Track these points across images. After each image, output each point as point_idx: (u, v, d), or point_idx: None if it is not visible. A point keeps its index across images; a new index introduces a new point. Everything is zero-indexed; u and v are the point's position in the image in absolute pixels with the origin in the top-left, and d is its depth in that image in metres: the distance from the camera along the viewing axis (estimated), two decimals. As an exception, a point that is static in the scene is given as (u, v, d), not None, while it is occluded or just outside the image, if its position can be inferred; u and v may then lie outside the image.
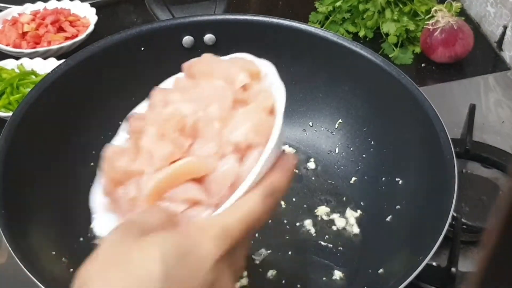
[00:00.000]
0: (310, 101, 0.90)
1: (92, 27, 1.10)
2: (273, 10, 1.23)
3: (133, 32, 0.86)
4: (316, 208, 0.82)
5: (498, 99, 1.03)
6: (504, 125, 0.98)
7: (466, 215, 0.78)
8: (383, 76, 0.81)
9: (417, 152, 0.78)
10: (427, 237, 0.65)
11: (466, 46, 1.06)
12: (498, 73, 1.08)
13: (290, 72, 0.89)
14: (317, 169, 0.88)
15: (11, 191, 0.68)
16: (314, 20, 1.15)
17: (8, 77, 0.96)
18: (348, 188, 0.84)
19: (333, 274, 0.75)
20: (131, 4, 1.23)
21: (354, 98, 0.86)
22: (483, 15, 1.16)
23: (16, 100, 0.94)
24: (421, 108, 0.76)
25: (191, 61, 0.60)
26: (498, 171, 0.87)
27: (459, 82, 1.06)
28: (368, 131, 0.85)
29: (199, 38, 0.88)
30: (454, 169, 0.69)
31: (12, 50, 1.05)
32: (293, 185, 0.83)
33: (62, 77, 0.80)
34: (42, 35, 1.07)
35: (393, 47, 1.10)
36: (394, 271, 0.66)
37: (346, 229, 0.80)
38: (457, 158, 0.71)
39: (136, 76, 0.87)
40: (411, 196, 0.76)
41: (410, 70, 1.07)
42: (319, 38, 0.86)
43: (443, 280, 0.72)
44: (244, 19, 0.89)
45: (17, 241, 0.63)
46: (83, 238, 0.77)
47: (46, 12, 1.12)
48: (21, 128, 0.73)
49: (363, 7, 1.11)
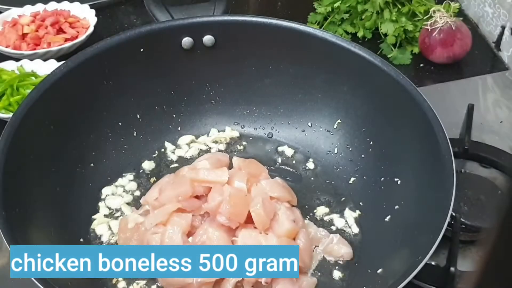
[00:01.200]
0: (309, 101, 0.90)
1: (92, 29, 1.10)
2: (272, 11, 1.23)
3: (133, 33, 0.86)
4: (315, 208, 0.83)
5: (497, 99, 1.03)
6: (503, 125, 0.98)
7: (465, 214, 0.78)
8: (381, 77, 0.81)
9: (416, 152, 0.78)
10: (426, 237, 0.65)
11: (464, 46, 1.06)
12: (496, 73, 1.08)
13: (289, 73, 0.90)
14: (316, 169, 0.88)
15: (11, 192, 0.69)
16: (312, 20, 1.16)
17: (8, 78, 0.97)
18: (347, 188, 0.85)
19: (332, 274, 0.75)
20: (131, 5, 1.24)
21: (352, 99, 0.86)
22: (481, 15, 1.16)
23: (16, 101, 0.94)
24: (419, 108, 0.76)
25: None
26: (497, 170, 0.87)
27: (458, 82, 1.06)
28: (367, 131, 0.85)
29: (198, 39, 0.88)
30: (452, 169, 0.70)
31: (12, 51, 1.05)
32: (292, 186, 0.83)
33: (62, 78, 0.80)
34: (42, 37, 1.07)
35: (392, 48, 1.10)
36: (393, 270, 0.66)
37: (345, 229, 0.80)
38: (455, 158, 0.71)
39: (135, 77, 0.88)
40: (410, 196, 0.76)
41: (408, 71, 1.07)
42: (318, 39, 0.86)
43: (442, 279, 0.72)
44: (243, 20, 0.89)
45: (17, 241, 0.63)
46: (83, 239, 0.78)
47: (46, 13, 1.12)
48: (21, 129, 0.73)
49: (362, 8, 1.11)
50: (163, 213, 0.73)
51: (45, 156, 0.77)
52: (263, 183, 0.78)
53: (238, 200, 0.73)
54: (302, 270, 0.72)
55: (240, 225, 0.73)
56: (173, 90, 0.91)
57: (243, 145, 0.92)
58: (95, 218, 0.80)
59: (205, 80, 0.92)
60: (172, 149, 0.90)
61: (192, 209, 0.75)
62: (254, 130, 0.93)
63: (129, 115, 0.88)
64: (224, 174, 0.76)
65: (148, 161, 0.88)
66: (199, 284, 0.68)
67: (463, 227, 0.78)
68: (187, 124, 0.92)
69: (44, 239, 0.70)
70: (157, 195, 0.77)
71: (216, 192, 0.74)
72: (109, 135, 0.87)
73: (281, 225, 0.73)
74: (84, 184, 0.82)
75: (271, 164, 0.88)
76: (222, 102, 0.93)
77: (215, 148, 0.91)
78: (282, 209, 0.75)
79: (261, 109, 0.93)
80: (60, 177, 0.78)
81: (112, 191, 0.84)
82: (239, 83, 0.92)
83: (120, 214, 0.81)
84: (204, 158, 0.84)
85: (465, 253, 0.78)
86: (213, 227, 0.72)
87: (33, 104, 0.76)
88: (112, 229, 0.79)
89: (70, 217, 0.78)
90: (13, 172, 0.70)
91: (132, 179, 0.86)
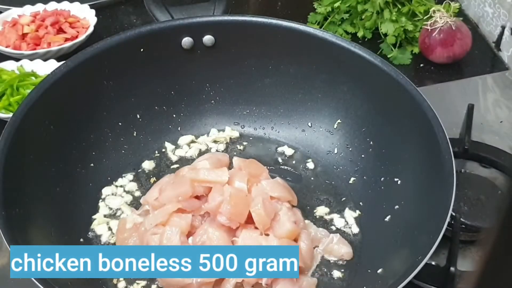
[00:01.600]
0: (309, 101, 0.90)
1: (92, 29, 1.10)
2: (272, 11, 1.23)
3: (133, 33, 0.86)
4: (315, 208, 0.83)
5: (497, 99, 1.03)
6: (503, 125, 0.98)
7: (465, 214, 0.78)
8: (381, 77, 0.81)
9: (416, 152, 0.78)
10: (426, 237, 0.65)
11: (464, 46, 1.06)
12: (496, 73, 1.08)
13: (289, 73, 0.90)
14: (316, 169, 0.88)
15: (11, 192, 0.69)
16: (312, 20, 1.16)
17: (8, 78, 0.97)
18: (347, 188, 0.85)
19: (332, 274, 0.75)
20: (131, 5, 1.24)
21: (352, 99, 0.86)
22: (481, 15, 1.16)
23: (16, 101, 0.94)
24: (419, 108, 0.76)
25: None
26: (497, 170, 0.87)
27: (458, 82, 1.06)
28: (367, 131, 0.85)
29: (198, 39, 0.88)
30: (452, 169, 0.70)
31: (12, 51, 1.05)
32: (292, 186, 0.83)
33: (62, 78, 0.80)
34: (42, 37, 1.08)
35: (392, 48, 1.10)
36: (393, 270, 0.66)
37: (345, 229, 0.80)
38: (455, 158, 0.71)
39: (135, 77, 0.88)
40: (410, 196, 0.76)
41: (408, 71, 1.07)
42: (318, 39, 0.86)
43: (442, 279, 0.72)
44: (243, 20, 0.89)
45: (17, 241, 0.63)
46: (83, 239, 0.78)
47: (46, 13, 1.12)
48: (21, 129, 0.73)
49: (362, 8, 1.11)
50: (163, 214, 0.73)
51: (45, 156, 0.77)
52: (263, 183, 0.78)
53: (239, 200, 0.73)
54: (302, 271, 0.72)
55: (240, 225, 0.73)
56: (173, 90, 0.91)
57: (243, 145, 0.92)
58: (95, 218, 0.80)
59: (205, 80, 0.92)
60: (172, 149, 0.90)
61: (192, 209, 0.75)
62: (254, 130, 0.93)
63: (129, 115, 0.88)
64: (224, 174, 0.76)
65: (148, 161, 0.88)
66: (199, 284, 0.68)
67: (463, 227, 0.78)
68: (187, 124, 0.92)
69: (44, 239, 0.70)
70: (157, 195, 0.77)
71: (217, 192, 0.74)
72: (109, 135, 0.87)
73: (282, 226, 0.73)
74: (84, 184, 0.82)
75: (271, 164, 0.88)
76: (222, 102, 0.93)
77: (215, 148, 0.91)
78: (283, 209, 0.75)
79: (261, 109, 0.93)
80: (60, 177, 0.78)
81: (112, 191, 0.84)
82: (239, 83, 0.92)
83: (120, 214, 0.81)
84: (204, 158, 0.84)
85: (465, 253, 0.78)
86: (213, 227, 0.72)
87: (33, 104, 0.76)
88: (112, 229, 0.79)
89: (70, 217, 0.78)
90: (13, 172, 0.70)
91: (132, 179, 0.86)
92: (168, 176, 0.82)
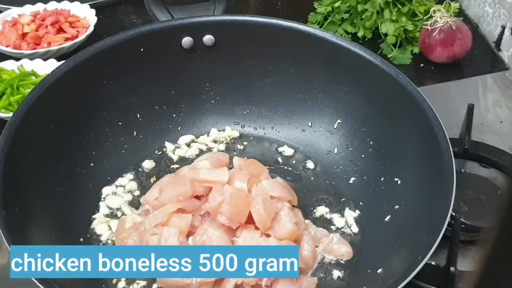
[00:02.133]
0: (309, 101, 0.90)
1: (92, 28, 1.10)
2: (272, 11, 1.23)
3: (133, 33, 0.86)
4: (315, 208, 0.83)
5: (497, 99, 1.03)
6: (503, 124, 0.98)
7: (465, 214, 0.78)
8: (381, 76, 0.81)
9: (416, 152, 0.78)
10: (425, 237, 0.65)
11: (465, 46, 1.06)
12: (497, 73, 1.08)
13: (289, 73, 0.90)
14: (316, 169, 0.88)
15: (11, 191, 0.69)
16: (313, 20, 1.16)
17: (8, 78, 0.97)
18: (347, 188, 0.85)
19: (332, 274, 0.75)
20: (131, 5, 1.24)
21: (353, 98, 0.86)
22: (481, 15, 1.16)
23: (16, 101, 0.94)
24: (419, 108, 0.76)
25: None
26: (497, 170, 0.87)
27: (458, 82, 1.06)
28: (367, 131, 0.85)
29: (199, 39, 0.88)
30: (452, 168, 0.70)
31: (12, 51, 1.05)
32: (293, 185, 0.83)
33: (62, 78, 0.80)
34: (42, 36, 1.07)
35: (392, 47, 1.10)
36: (393, 270, 0.67)
37: (345, 229, 0.80)
38: (455, 158, 0.71)
39: (135, 77, 0.88)
40: (410, 196, 0.76)
41: (408, 70, 1.07)
42: (318, 39, 0.86)
43: (442, 279, 0.72)
44: (243, 20, 0.89)
45: (17, 241, 0.63)
46: (83, 239, 0.78)
47: (46, 13, 1.12)
48: (21, 129, 0.73)
49: (362, 8, 1.11)
50: (163, 214, 0.73)
51: (45, 156, 0.77)
52: (264, 183, 0.78)
53: (239, 200, 0.73)
54: (302, 271, 0.72)
55: (240, 225, 0.73)
56: (173, 90, 0.91)
57: (243, 145, 0.92)
58: (95, 218, 0.80)
59: (205, 80, 0.92)
60: (172, 148, 0.90)
61: (192, 209, 0.75)
62: (254, 130, 0.93)
63: (129, 114, 0.88)
64: (224, 174, 0.76)
65: (148, 161, 0.88)
66: (199, 284, 0.68)
67: (463, 227, 0.78)
68: (187, 124, 0.92)
69: (44, 239, 0.70)
70: (157, 195, 0.77)
71: (217, 192, 0.74)
72: (109, 134, 0.87)
73: (283, 226, 0.73)
74: (84, 184, 0.82)
75: (271, 164, 0.88)
76: (222, 102, 0.93)
77: (215, 148, 0.91)
78: (285, 210, 0.75)
79: (261, 109, 0.93)
80: (60, 177, 0.78)
81: (112, 191, 0.84)
82: (239, 83, 0.92)
83: (121, 214, 0.81)
84: (204, 158, 0.84)
85: (465, 253, 0.78)
86: (213, 227, 0.72)
87: (33, 103, 0.76)
88: (112, 229, 0.79)
89: (70, 217, 0.78)
90: (13, 172, 0.70)
91: (132, 179, 0.86)
92: (168, 175, 0.82)
